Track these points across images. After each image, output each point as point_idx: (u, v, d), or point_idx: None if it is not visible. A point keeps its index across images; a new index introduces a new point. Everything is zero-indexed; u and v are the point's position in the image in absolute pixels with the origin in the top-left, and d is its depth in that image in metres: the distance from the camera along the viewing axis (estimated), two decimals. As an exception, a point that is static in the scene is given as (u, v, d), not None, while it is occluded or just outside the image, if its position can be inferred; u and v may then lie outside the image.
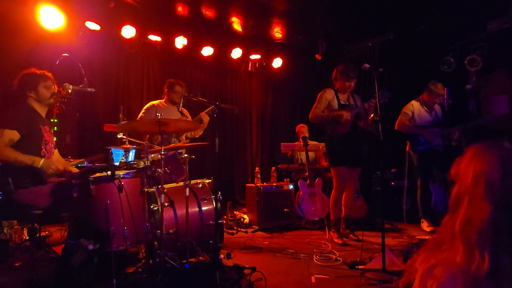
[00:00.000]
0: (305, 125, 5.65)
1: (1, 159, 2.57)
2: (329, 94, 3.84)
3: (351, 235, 3.84)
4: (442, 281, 0.78)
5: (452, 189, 0.89)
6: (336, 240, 3.75)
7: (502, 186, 0.78)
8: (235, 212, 4.97)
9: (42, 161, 2.66)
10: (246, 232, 4.32)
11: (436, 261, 0.82)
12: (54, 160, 2.88)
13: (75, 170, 3.00)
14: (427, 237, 3.86)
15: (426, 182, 4.31)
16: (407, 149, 4.58)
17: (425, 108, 4.37)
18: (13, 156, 2.59)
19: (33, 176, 2.68)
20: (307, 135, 5.60)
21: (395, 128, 4.40)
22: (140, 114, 4.15)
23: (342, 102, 3.82)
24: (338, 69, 3.88)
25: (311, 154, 5.58)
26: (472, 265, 0.77)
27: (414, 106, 4.38)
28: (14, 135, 2.62)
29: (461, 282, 0.77)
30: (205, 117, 4.17)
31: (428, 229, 4.19)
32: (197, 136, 4.45)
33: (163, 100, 4.25)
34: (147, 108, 4.14)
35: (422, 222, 4.32)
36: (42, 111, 2.90)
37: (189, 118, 4.30)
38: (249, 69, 6.79)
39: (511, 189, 0.78)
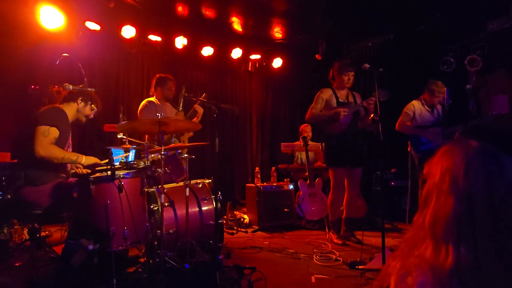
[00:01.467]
0: (309, 125, 5.65)
1: (48, 157, 2.69)
2: (325, 94, 3.81)
3: (352, 238, 3.80)
4: None
5: (423, 187, 0.92)
6: (336, 241, 3.74)
7: (465, 181, 0.81)
8: (235, 212, 4.97)
9: (84, 157, 2.82)
10: (246, 232, 4.32)
11: (408, 268, 0.84)
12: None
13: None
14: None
15: None
16: (408, 149, 4.57)
17: (426, 107, 4.35)
18: (60, 155, 2.74)
19: (51, 173, 2.76)
20: (310, 135, 5.61)
21: (396, 128, 4.38)
22: (139, 113, 4.04)
23: (341, 100, 3.79)
24: (333, 67, 3.88)
25: (311, 154, 5.58)
26: (439, 259, 0.80)
27: (415, 106, 4.35)
28: (57, 133, 2.75)
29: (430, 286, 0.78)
30: (198, 108, 4.11)
31: None
32: (190, 135, 4.37)
33: (155, 97, 4.11)
34: (144, 105, 4.01)
35: None
36: (69, 118, 3.00)
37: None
38: (249, 69, 6.78)
39: (473, 184, 0.81)
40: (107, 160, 2.90)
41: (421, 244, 0.86)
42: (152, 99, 4.11)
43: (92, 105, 3.11)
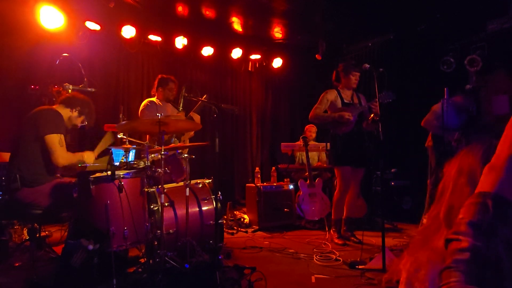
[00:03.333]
0: (314, 126, 5.65)
1: (68, 164, 2.80)
2: (330, 95, 3.82)
3: (352, 238, 3.81)
4: (426, 286, 0.79)
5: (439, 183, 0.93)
6: (336, 240, 3.74)
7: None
8: (235, 212, 4.97)
9: (85, 155, 2.90)
10: (246, 232, 4.32)
11: (420, 263, 0.84)
12: None
13: None
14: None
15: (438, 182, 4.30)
16: (426, 144, 4.52)
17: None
18: (75, 159, 2.83)
19: (47, 173, 2.77)
20: (313, 135, 5.61)
21: (421, 124, 4.36)
22: (140, 112, 4.01)
23: (346, 101, 3.80)
24: (338, 68, 3.89)
25: (315, 154, 5.59)
26: None
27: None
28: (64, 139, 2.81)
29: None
30: (195, 115, 4.10)
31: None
32: (192, 135, 4.34)
33: (156, 97, 4.10)
34: (146, 105, 3.99)
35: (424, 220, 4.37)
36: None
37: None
38: (249, 69, 6.78)
39: None
40: (104, 158, 2.95)
41: (435, 235, 0.86)
42: (153, 99, 4.10)
43: (85, 120, 3.08)
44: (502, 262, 0.56)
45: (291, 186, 4.74)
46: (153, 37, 5.47)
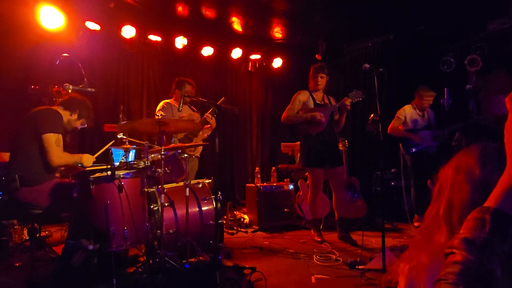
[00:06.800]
0: None
1: (63, 164, 2.83)
2: (303, 96, 3.87)
3: (348, 238, 3.75)
4: None
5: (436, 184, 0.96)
6: (316, 238, 3.79)
7: (482, 172, 0.83)
8: (235, 212, 4.96)
9: (84, 157, 2.89)
10: (246, 232, 4.32)
11: (423, 266, 0.85)
12: None
13: None
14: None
15: (420, 181, 4.34)
16: (400, 152, 4.62)
17: (417, 111, 4.42)
18: (71, 160, 2.84)
19: (47, 172, 2.77)
20: None
21: (388, 132, 4.43)
22: (157, 113, 4.03)
23: (317, 102, 3.85)
24: (309, 72, 3.97)
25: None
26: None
27: (407, 111, 4.45)
28: (61, 139, 2.82)
29: None
30: (211, 120, 4.12)
31: (417, 224, 4.37)
32: (205, 136, 4.36)
33: (173, 99, 4.18)
34: (162, 106, 4.05)
35: (415, 218, 4.42)
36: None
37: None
38: (249, 69, 6.78)
39: (490, 174, 0.82)
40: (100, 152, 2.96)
41: (436, 233, 0.87)
42: (169, 100, 4.17)
43: (84, 122, 3.08)
44: (494, 279, 0.55)
45: (291, 186, 4.73)
46: (153, 37, 5.47)
